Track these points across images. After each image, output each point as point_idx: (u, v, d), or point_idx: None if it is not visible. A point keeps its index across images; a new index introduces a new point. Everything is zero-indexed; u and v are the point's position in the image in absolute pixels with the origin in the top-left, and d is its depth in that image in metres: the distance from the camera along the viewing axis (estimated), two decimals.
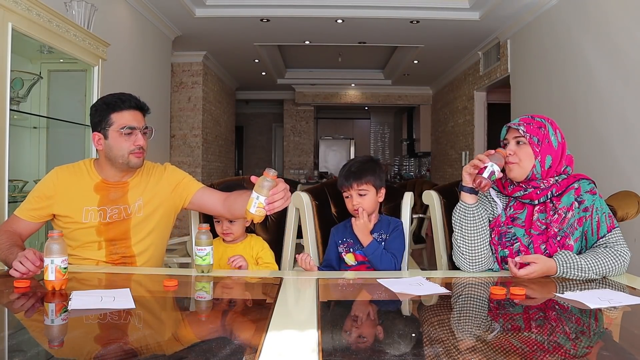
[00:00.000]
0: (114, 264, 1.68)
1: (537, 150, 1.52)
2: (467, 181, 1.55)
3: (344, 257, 1.73)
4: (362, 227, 1.67)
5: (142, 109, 1.70)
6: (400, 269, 1.71)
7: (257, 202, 1.35)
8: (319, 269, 1.71)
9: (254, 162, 11.48)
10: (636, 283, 1.39)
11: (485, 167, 1.48)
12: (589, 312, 1.14)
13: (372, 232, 1.70)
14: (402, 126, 11.15)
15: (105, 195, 1.68)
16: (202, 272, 1.53)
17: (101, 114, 1.65)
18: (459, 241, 1.56)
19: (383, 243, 1.70)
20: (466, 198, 1.56)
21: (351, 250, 1.72)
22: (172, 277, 1.44)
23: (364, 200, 1.69)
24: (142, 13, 4.64)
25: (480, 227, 1.54)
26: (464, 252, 1.55)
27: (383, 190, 1.75)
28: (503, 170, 1.53)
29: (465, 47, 6.25)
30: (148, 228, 1.72)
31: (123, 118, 1.64)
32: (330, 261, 1.76)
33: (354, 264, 1.71)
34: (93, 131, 1.68)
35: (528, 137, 1.52)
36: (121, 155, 1.64)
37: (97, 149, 1.69)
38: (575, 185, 1.53)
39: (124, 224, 1.68)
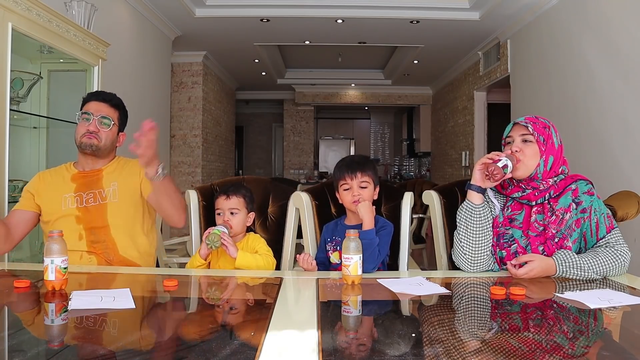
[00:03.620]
0: (96, 253, 1.73)
1: (543, 150, 1.52)
2: (477, 179, 1.54)
3: (330, 255, 1.73)
4: (368, 208, 1.66)
5: (110, 102, 1.84)
6: (378, 266, 1.66)
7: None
8: None
9: (253, 162, 11.48)
10: (636, 283, 1.39)
11: (500, 160, 1.49)
12: (589, 312, 1.14)
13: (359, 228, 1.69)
14: (402, 126, 11.15)
15: (81, 183, 1.80)
16: (213, 241, 1.62)
17: (80, 107, 1.84)
18: (462, 241, 1.55)
19: None
20: (473, 197, 1.55)
21: (338, 248, 1.71)
22: (172, 277, 1.44)
23: (364, 193, 1.69)
24: (142, 13, 4.64)
25: (485, 227, 1.54)
26: (466, 252, 1.54)
27: (377, 189, 1.76)
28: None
29: (465, 47, 6.25)
30: (125, 214, 1.80)
31: (86, 107, 1.81)
32: (323, 259, 1.76)
33: (338, 262, 1.70)
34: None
35: (536, 135, 1.52)
36: (77, 138, 1.79)
37: None
38: (573, 186, 1.53)
39: (100, 210, 1.76)
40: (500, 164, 1.48)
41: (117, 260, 1.75)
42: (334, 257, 1.71)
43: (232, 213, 1.77)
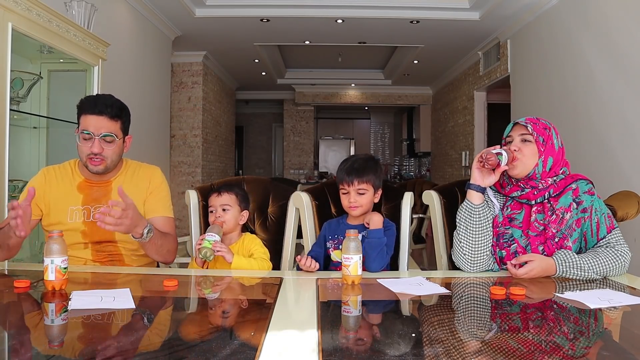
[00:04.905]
0: (102, 262, 1.70)
1: (542, 150, 1.52)
2: (476, 178, 1.54)
3: (331, 252, 1.73)
4: (375, 215, 1.67)
5: (110, 114, 1.64)
6: (386, 265, 1.67)
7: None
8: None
9: (254, 162, 11.48)
10: (636, 283, 1.39)
11: (495, 148, 1.52)
12: (589, 312, 1.14)
13: (362, 230, 1.70)
14: (402, 126, 11.15)
15: (89, 194, 1.71)
16: (206, 254, 1.55)
17: (77, 115, 1.68)
18: (462, 241, 1.55)
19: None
20: (473, 197, 1.55)
21: (340, 247, 1.71)
22: (172, 277, 1.44)
23: (361, 199, 1.68)
24: (142, 13, 4.64)
25: (485, 227, 1.54)
26: (466, 252, 1.54)
27: (380, 192, 1.74)
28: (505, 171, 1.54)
29: (465, 47, 6.25)
30: None
31: (85, 122, 1.63)
32: (318, 254, 1.74)
33: (340, 260, 1.70)
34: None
35: (535, 135, 1.53)
36: (82, 158, 1.67)
37: None
38: (573, 185, 1.53)
39: None
40: (494, 151, 1.49)
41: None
42: (335, 255, 1.71)
43: (223, 210, 1.77)
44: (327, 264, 1.76)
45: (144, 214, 1.74)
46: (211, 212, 1.80)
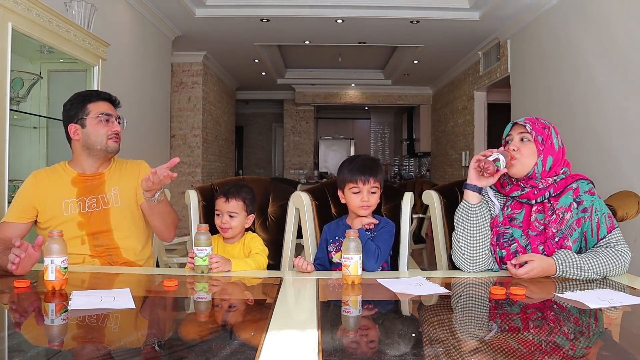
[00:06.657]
0: (100, 257, 1.72)
1: (541, 149, 1.52)
2: (472, 178, 1.54)
3: (333, 255, 1.73)
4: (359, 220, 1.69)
5: (114, 102, 1.84)
6: (381, 263, 1.67)
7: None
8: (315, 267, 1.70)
9: (254, 162, 11.48)
10: (636, 283, 1.39)
11: (491, 154, 1.51)
12: (589, 312, 1.14)
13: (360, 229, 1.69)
14: (402, 126, 11.15)
15: (83, 187, 1.77)
16: (202, 272, 1.52)
17: (77, 106, 1.76)
18: (460, 241, 1.55)
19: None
20: (470, 197, 1.55)
21: (341, 249, 1.71)
22: (172, 277, 1.44)
23: (372, 198, 1.68)
24: (142, 13, 4.64)
25: (482, 227, 1.54)
26: (465, 252, 1.54)
27: (381, 191, 1.75)
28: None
29: (465, 47, 6.25)
30: (128, 217, 1.79)
31: (99, 107, 1.77)
32: (323, 260, 1.75)
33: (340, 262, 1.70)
34: (69, 124, 1.76)
35: (534, 134, 1.53)
36: (99, 141, 1.75)
37: (73, 140, 1.77)
38: (574, 185, 1.53)
39: (103, 215, 1.75)
40: (491, 158, 1.49)
41: (120, 263, 1.75)
42: (336, 257, 1.71)
43: (230, 216, 1.77)
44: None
45: (137, 199, 1.83)
46: (217, 215, 1.79)
